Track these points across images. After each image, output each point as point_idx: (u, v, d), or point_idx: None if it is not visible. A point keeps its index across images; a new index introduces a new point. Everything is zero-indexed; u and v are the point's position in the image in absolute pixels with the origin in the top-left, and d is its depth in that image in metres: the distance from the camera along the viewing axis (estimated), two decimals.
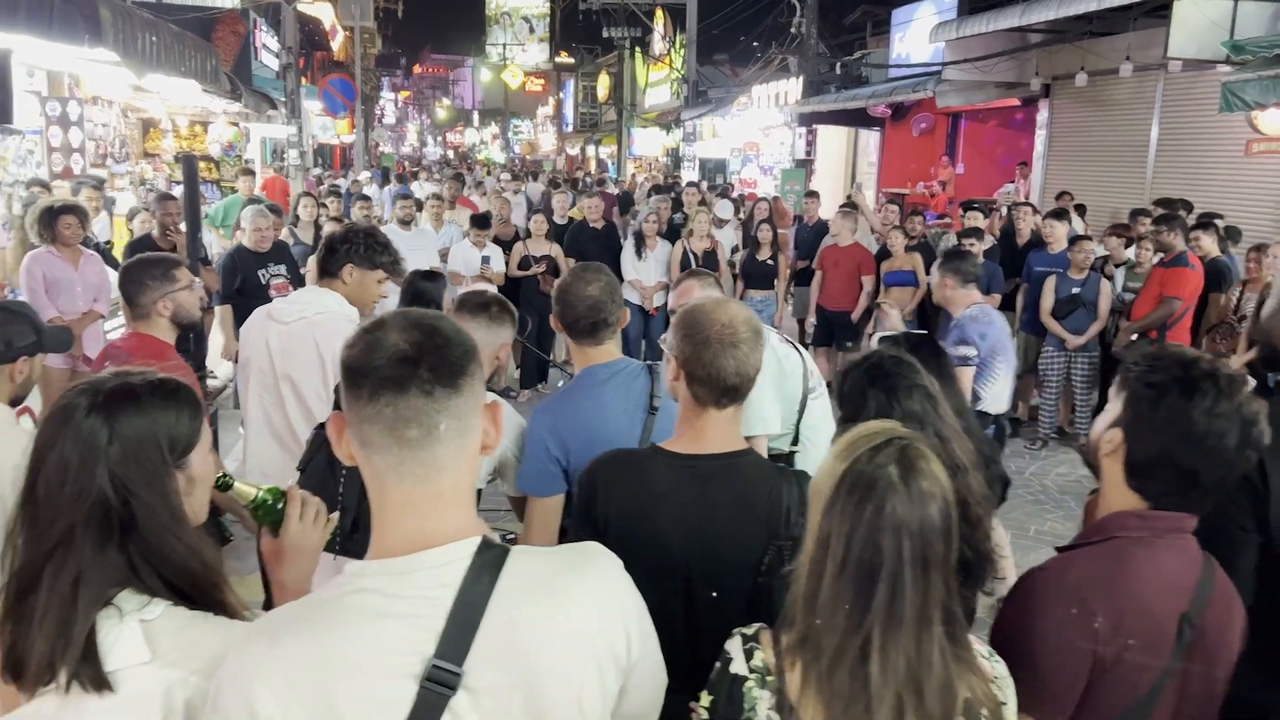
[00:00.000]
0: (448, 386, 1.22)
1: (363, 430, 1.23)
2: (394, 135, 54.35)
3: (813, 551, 1.41)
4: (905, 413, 2.12)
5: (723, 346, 1.84)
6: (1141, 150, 11.91)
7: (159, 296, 3.41)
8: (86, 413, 1.45)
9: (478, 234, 8.45)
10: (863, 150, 19.80)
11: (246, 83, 14.64)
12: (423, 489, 1.23)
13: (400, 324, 1.26)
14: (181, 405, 1.55)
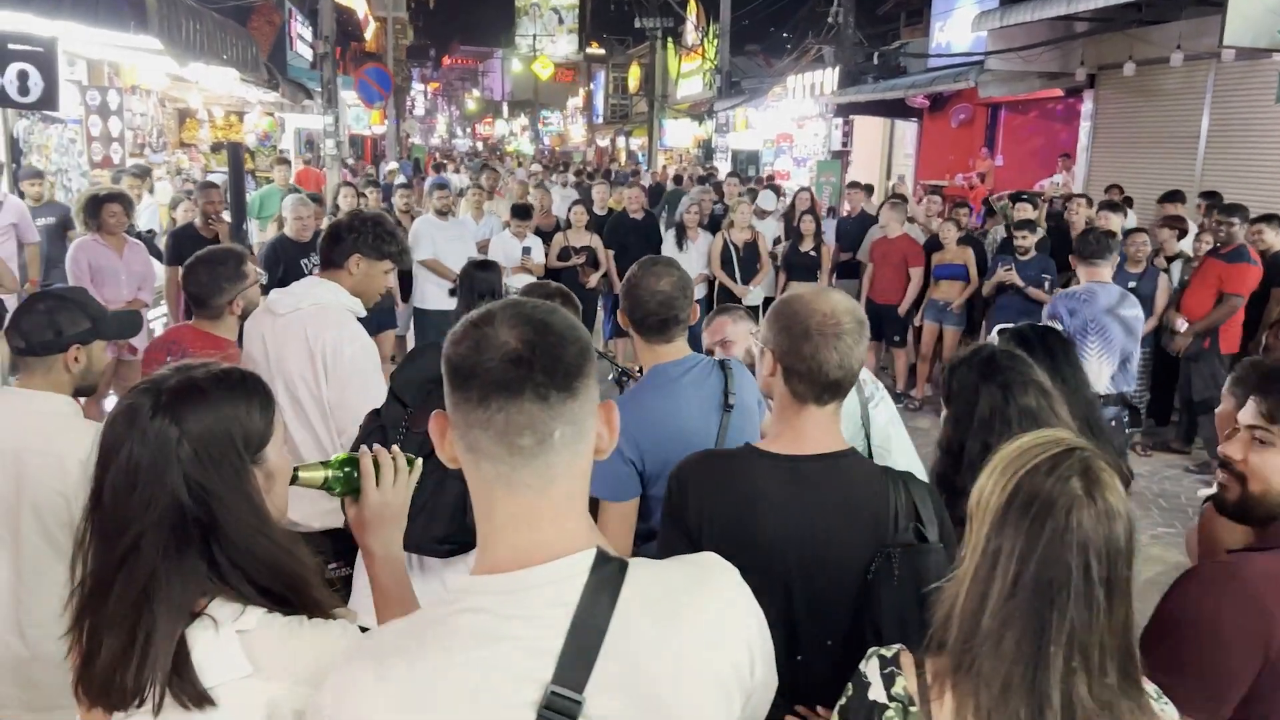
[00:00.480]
0: (563, 390, 1.12)
1: (470, 435, 1.13)
2: (424, 127, 54.41)
3: (976, 570, 1.29)
4: (1021, 409, 2.02)
5: (825, 338, 1.73)
6: (1191, 141, 11.64)
7: (234, 296, 3.42)
8: (152, 413, 1.37)
9: (519, 224, 8.37)
10: (899, 142, 19.54)
11: (282, 73, 14.64)
12: (536, 500, 1.13)
13: (510, 319, 1.15)
14: (251, 396, 1.47)
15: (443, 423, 1.20)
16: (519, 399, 1.10)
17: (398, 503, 1.60)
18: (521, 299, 1.21)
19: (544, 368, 1.11)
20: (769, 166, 22.68)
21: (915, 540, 1.69)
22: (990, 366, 2.09)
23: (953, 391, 2.13)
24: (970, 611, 1.28)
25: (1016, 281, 7.49)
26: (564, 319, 1.17)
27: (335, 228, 3.20)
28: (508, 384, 1.10)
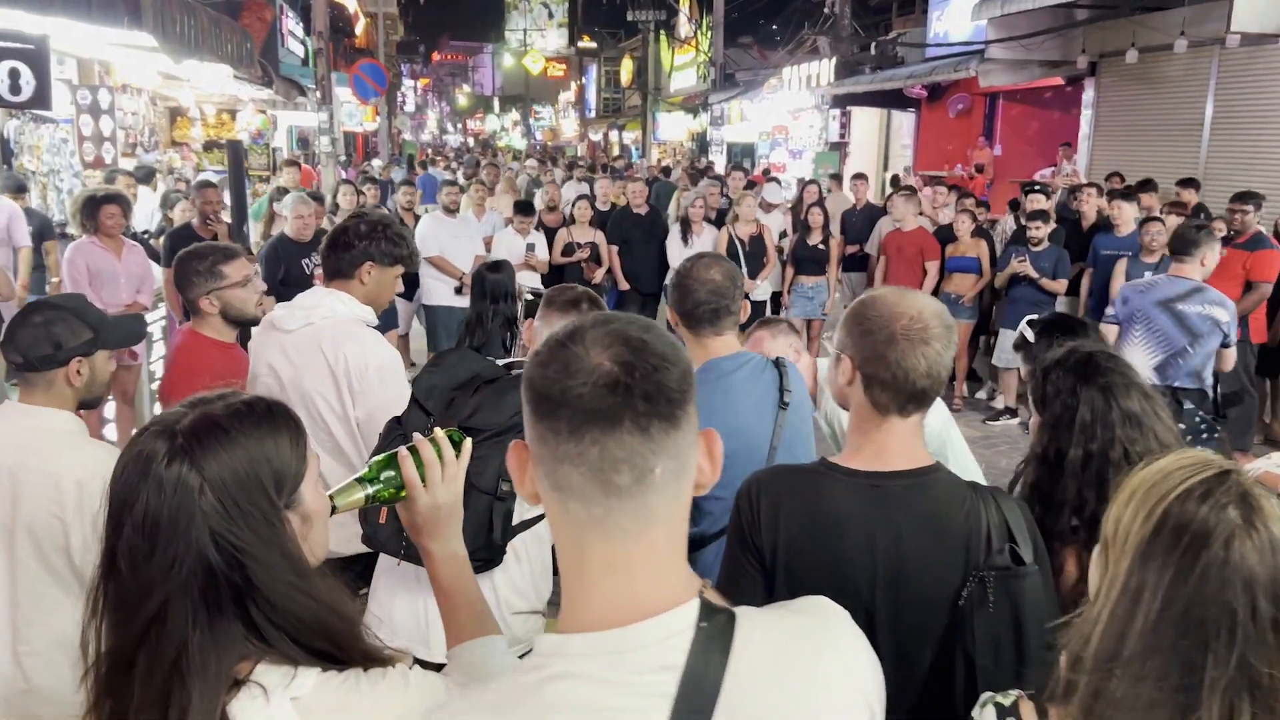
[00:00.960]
0: (666, 420, 0.98)
1: (559, 472, 0.99)
2: (415, 123, 54.16)
3: (1114, 608, 1.16)
4: (1124, 414, 1.90)
5: (911, 343, 1.60)
6: (1195, 129, 11.54)
7: (203, 293, 3.23)
8: (167, 459, 1.19)
9: (522, 221, 8.23)
10: (895, 133, 19.44)
11: (275, 70, 14.46)
12: (633, 546, 0.99)
13: (603, 337, 1.01)
14: (279, 429, 1.29)
15: (522, 455, 1.05)
16: (616, 430, 0.96)
17: (451, 497, 1.45)
18: (611, 314, 1.07)
19: (644, 394, 0.97)
20: (765, 159, 22.55)
21: (1011, 563, 1.56)
22: (1089, 368, 1.97)
23: (1047, 396, 2.00)
24: (1105, 655, 1.15)
25: (1031, 273, 7.37)
26: (663, 338, 1.03)
27: (342, 235, 2.92)
28: (604, 413, 0.96)
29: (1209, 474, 1.16)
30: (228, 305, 3.26)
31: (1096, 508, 1.85)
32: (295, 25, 18.15)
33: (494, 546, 2.22)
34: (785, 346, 3.14)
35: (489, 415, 2.21)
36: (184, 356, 3.33)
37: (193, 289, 3.23)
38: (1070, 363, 1.99)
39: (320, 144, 13.21)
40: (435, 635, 2.39)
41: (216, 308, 3.24)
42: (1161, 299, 4.87)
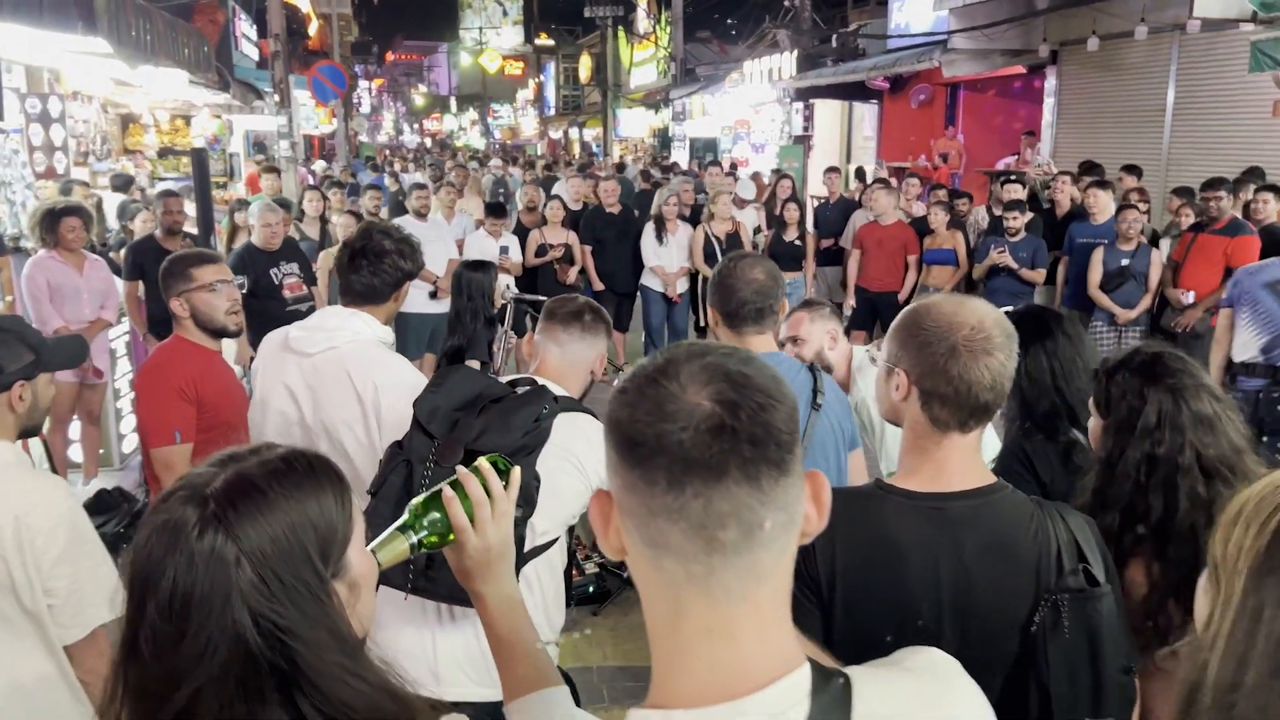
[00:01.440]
0: (775, 467, 0.87)
1: (652, 527, 0.88)
2: (371, 124, 53.53)
3: (1231, 632, 1.08)
4: (1195, 416, 1.83)
5: (974, 355, 1.49)
6: (1157, 115, 11.64)
7: (174, 295, 3.15)
8: (199, 528, 1.04)
9: (494, 223, 8.09)
10: (858, 125, 19.48)
11: (230, 73, 14.15)
12: (738, 607, 0.88)
13: (699, 372, 0.89)
14: (323, 487, 1.14)
15: (606, 506, 0.94)
16: (722, 481, 0.85)
17: (503, 535, 1.33)
18: (704, 344, 0.95)
19: (751, 438, 0.86)
20: (727, 153, 22.52)
21: (1085, 584, 1.47)
22: (1157, 369, 1.89)
23: (1112, 398, 1.92)
24: (1226, 684, 1.07)
25: (1011, 264, 7.36)
26: (765, 370, 0.92)
27: (375, 255, 2.71)
28: (707, 462, 0.85)
29: None
30: (195, 310, 3.16)
31: (1163, 514, 1.78)
32: (249, 28, 17.79)
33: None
34: (823, 331, 3.12)
35: (497, 437, 2.08)
36: (161, 354, 3.26)
37: (167, 291, 3.18)
38: (1136, 363, 1.92)
39: (280, 148, 12.91)
40: (444, 668, 2.28)
41: (186, 311, 3.16)
42: (1269, 280, 5.12)
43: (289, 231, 7.02)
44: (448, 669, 2.27)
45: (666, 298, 8.43)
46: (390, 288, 2.74)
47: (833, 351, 3.14)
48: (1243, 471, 1.81)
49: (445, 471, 2.06)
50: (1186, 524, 1.78)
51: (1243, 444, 1.85)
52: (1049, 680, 1.46)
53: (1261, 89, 9.66)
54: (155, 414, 3.08)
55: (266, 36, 14.70)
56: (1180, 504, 1.79)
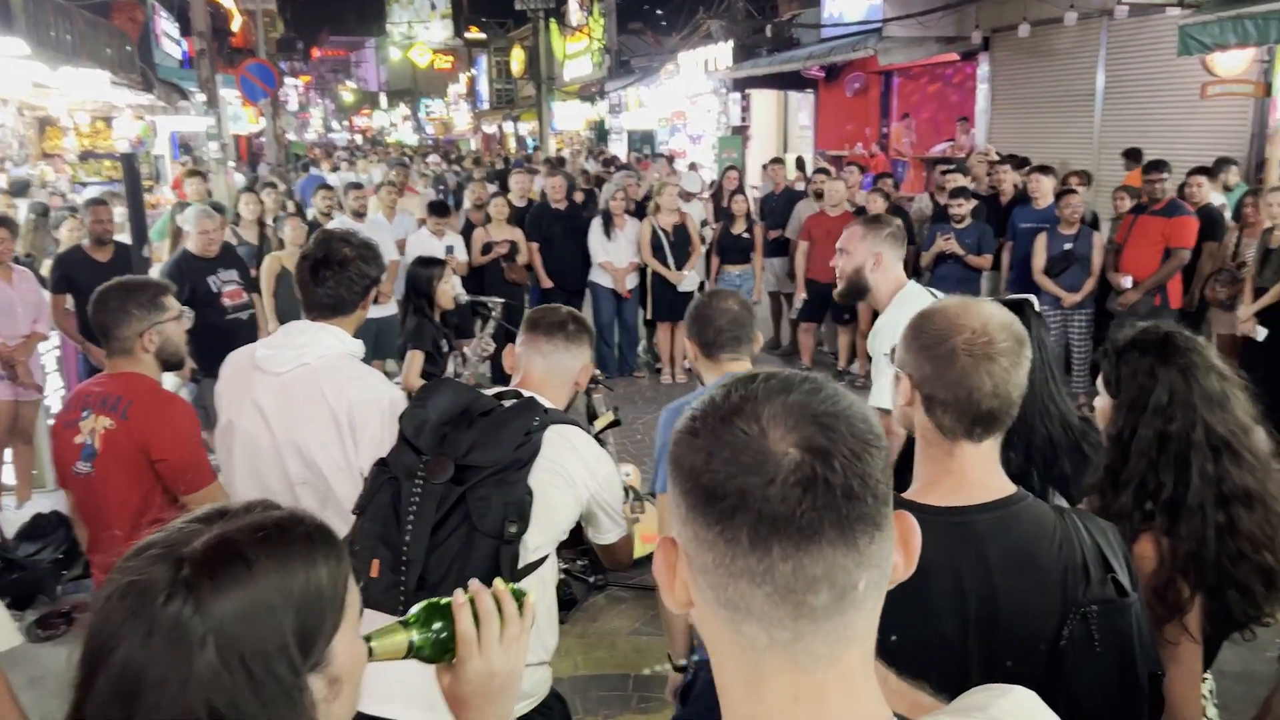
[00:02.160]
0: (873, 525, 0.79)
1: (731, 588, 0.79)
2: (298, 122, 52.42)
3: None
4: (1205, 394, 1.82)
5: (975, 360, 1.45)
6: (1088, 99, 11.87)
7: (145, 328, 2.88)
8: (167, 595, 0.90)
9: (437, 222, 7.91)
10: (794, 114, 19.56)
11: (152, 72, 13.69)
12: (826, 671, 0.80)
13: (782, 413, 0.79)
14: (316, 561, 0.98)
15: (672, 556, 0.84)
16: (814, 543, 0.76)
17: (510, 665, 1.20)
18: (783, 376, 0.84)
19: (847, 491, 0.77)
20: (665, 145, 22.46)
21: (1115, 594, 1.43)
22: (1169, 348, 1.88)
23: (1122, 377, 1.91)
24: None
25: (958, 250, 7.42)
26: (856, 409, 0.82)
27: (338, 264, 2.57)
28: (798, 522, 0.76)
29: None
30: (166, 342, 2.93)
31: (1175, 491, 1.79)
32: (170, 25, 17.24)
33: None
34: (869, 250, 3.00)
35: (488, 452, 2.01)
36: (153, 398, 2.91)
37: (131, 325, 2.87)
38: (1146, 343, 1.91)
39: (209, 150, 12.52)
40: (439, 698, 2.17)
41: (155, 345, 2.90)
42: None
43: (226, 237, 6.78)
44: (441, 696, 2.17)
45: (616, 293, 8.34)
46: (358, 296, 2.62)
47: (874, 272, 3.01)
48: (1250, 449, 1.82)
49: (436, 489, 1.99)
50: (1197, 501, 1.78)
51: (1249, 422, 1.85)
52: (1082, 697, 1.41)
53: (1189, 72, 9.89)
54: (196, 453, 2.88)
55: (190, 34, 14.25)
56: (1192, 480, 1.79)
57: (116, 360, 2.94)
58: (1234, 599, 1.75)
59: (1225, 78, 9.60)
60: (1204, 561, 1.75)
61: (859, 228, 3.08)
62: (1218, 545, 1.75)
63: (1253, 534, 1.75)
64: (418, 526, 1.97)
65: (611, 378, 8.05)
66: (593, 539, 2.42)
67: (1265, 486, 1.80)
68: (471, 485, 1.98)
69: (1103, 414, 1.97)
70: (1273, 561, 1.77)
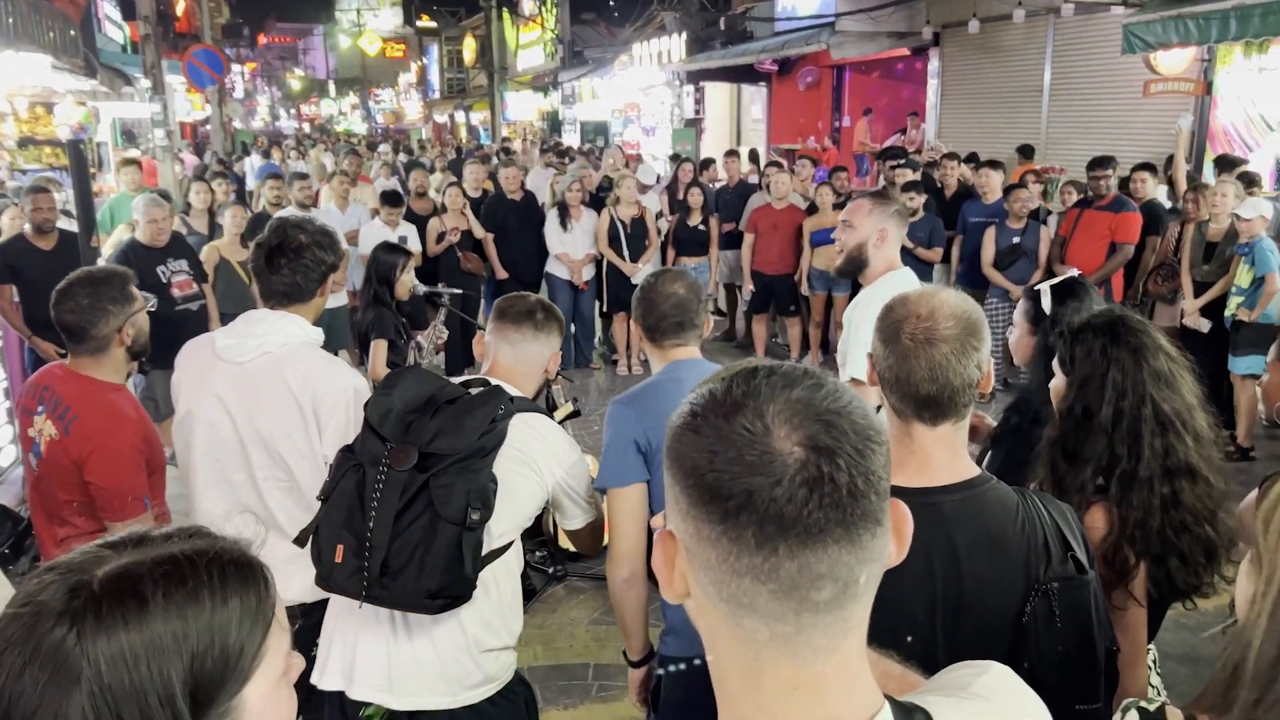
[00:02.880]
0: (875, 522, 0.81)
1: (734, 585, 0.80)
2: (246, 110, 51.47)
3: (1274, 611, 1.10)
4: (1154, 373, 1.91)
5: (916, 344, 1.51)
6: (1035, 95, 12.10)
7: (122, 323, 2.78)
8: (53, 621, 0.84)
9: (390, 212, 7.83)
10: (747, 108, 19.67)
11: (95, 57, 13.36)
12: (825, 662, 0.81)
13: (785, 411, 0.80)
14: (228, 600, 0.90)
15: (671, 550, 0.84)
16: (820, 542, 0.77)
17: None
18: (783, 370, 0.84)
19: (853, 490, 0.78)
20: (618, 136, 22.46)
21: (1075, 572, 1.49)
22: (1120, 330, 1.97)
23: (1076, 356, 1.99)
24: (1270, 664, 1.09)
25: (906, 243, 7.51)
26: (857, 404, 0.83)
27: (293, 251, 2.54)
28: (805, 522, 0.77)
29: None
30: (139, 333, 2.83)
31: (1127, 465, 1.88)
32: (112, 9, 16.84)
33: (464, 581, 2.03)
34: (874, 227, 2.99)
35: (452, 440, 2.02)
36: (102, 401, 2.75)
37: (109, 321, 2.75)
38: (1099, 324, 2.00)
39: (155, 137, 12.26)
40: (398, 678, 2.18)
41: (131, 338, 2.80)
42: None
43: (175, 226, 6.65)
44: (402, 679, 2.18)
45: (572, 285, 8.34)
46: (315, 283, 2.60)
47: (876, 248, 3.00)
48: (1194, 427, 1.91)
49: (399, 476, 2.01)
50: (1147, 473, 1.87)
51: (1194, 401, 1.95)
52: (1042, 671, 1.46)
53: (1133, 70, 10.13)
54: (125, 486, 2.69)
55: (135, 19, 13.93)
56: (1143, 454, 1.88)
57: (83, 360, 2.81)
58: (1175, 567, 1.84)
59: (1167, 76, 9.85)
60: (1149, 531, 1.84)
61: (866, 202, 3.07)
62: (1162, 516, 1.84)
63: (1194, 507, 1.85)
64: (381, 513, 1.98)
65: (568, 369, 8.05)
66: (561, 525, 2.45)
67: (1207, 463, 1.89)
68: (435, 472, 1.99)
69: (1057, 391, 2.05)
70: (1212, 533, 1.88)
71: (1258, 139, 9.27)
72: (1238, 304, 6.05)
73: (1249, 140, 9.35)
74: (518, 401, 2.25)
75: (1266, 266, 5.86)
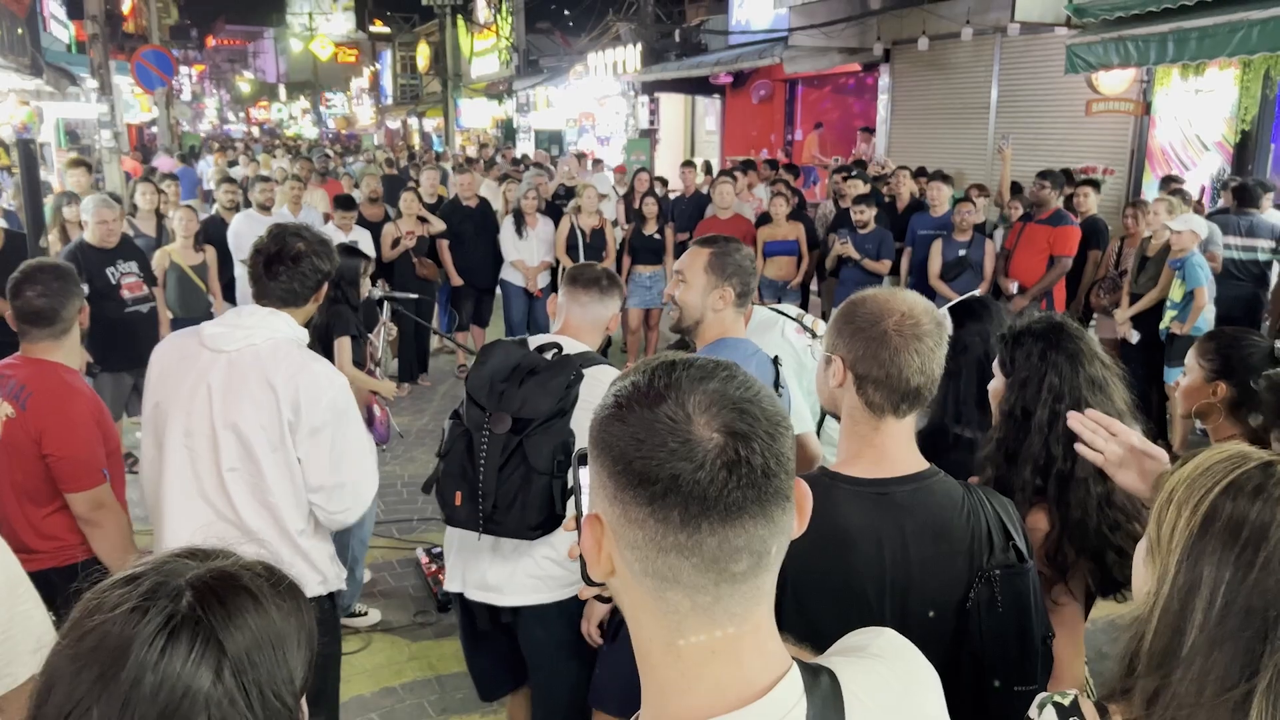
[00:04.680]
0: (785, 498, 0.88)
1: (660, 562, 0.86)
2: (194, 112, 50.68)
3: (1166, 605, 1.17)
4: (1089, 378, 2.01)
5: (905, 340, 1.58)
6: (983, 111, 12.37)
7: (81, 305, 2.99)
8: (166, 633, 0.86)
9: (343, 216, 7.80)
10: (700, 119, 19.83)
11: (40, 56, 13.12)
12: (740, 627, 0.89)
13: (704, 400, 0.87)
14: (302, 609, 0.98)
15: (599, 531, 0.91)
16: (739, 519, 0.85)
17: None
18: (700, 363, 0.92)
19: (766, 470, 0.86)
20: (572, 145, 22.50)
21: (1016, 560, 1.57)
22: (1058, 336, 2.06)
23: (1016, 359, 2.08)
24: (1162, 654, 1.16)
25: (854, 254, 7.67)
26: (765, 392, 0.92)
27: (291, 259, 2.64)
28: (725, 501, 0.84)
29: (1252, 466, 1.18)
30: (84, 318, 3.04)
31: (1063, 465, 1.96)
32: (58, 7, 16.54)
33: (556, 516, 2.46)
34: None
35: (537, 404, 2.43)
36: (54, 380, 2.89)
37: (75, 302, 2.97)
38: (1040, 330, 2.08)
39: (102, 138, 12.06)
40: (518, 585, 2.67)
41: (87, 320, 3.04)
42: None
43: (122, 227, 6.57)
44: (522, 585, 2.66)
45: (528, 292, 8.37)
46: (310, 290, 2.72)
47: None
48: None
49: (499, 438, 2.44)
50: (1084, 473, 1.96)
51: (1124, 407, 2.04)
52: (984, 655, 1.55)
53: (1076, 89, 10.42)
54: (83, 454, 2.84)
55: (82, 18, 13.70)
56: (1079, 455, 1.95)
57: (40, 344, 2.94)
58: (1113, 561, 1.93)
59: (1108, 95, 10.14)
60: (1087, 529, 1.93)
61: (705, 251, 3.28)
62: (1099, 514, 1.93)
63: (1124, 505, 1.94)
64: (487, 468, 2.45)
65: None
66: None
67: None
68: (526, 434, 2.43)
69: (996, 393, 2.14)
70: (1140, 530, 1.96)
71: (1193, 158, 9.59)
72: (1171, 317, 6.27)
73: (1185, 160, 9.67)
74: (587, 355, 2.64)
75: (1196, 281, 6.08)
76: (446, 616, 4.51)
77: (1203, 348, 2.54)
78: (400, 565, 5.14)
